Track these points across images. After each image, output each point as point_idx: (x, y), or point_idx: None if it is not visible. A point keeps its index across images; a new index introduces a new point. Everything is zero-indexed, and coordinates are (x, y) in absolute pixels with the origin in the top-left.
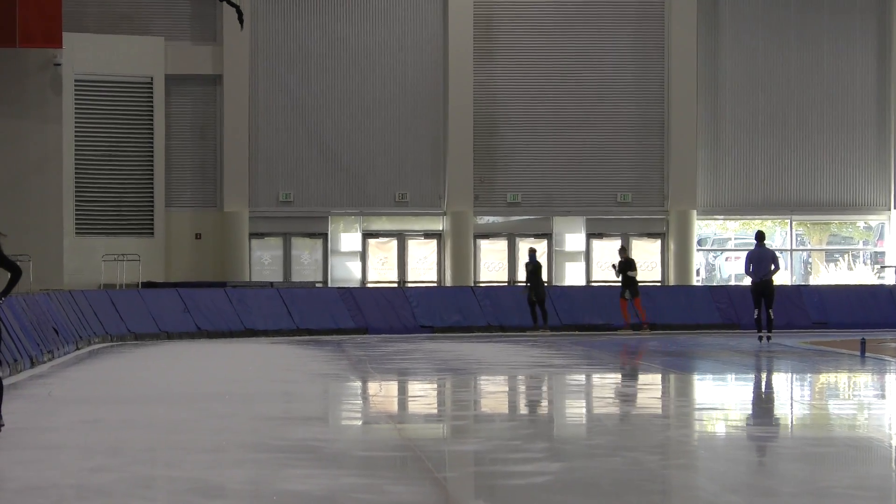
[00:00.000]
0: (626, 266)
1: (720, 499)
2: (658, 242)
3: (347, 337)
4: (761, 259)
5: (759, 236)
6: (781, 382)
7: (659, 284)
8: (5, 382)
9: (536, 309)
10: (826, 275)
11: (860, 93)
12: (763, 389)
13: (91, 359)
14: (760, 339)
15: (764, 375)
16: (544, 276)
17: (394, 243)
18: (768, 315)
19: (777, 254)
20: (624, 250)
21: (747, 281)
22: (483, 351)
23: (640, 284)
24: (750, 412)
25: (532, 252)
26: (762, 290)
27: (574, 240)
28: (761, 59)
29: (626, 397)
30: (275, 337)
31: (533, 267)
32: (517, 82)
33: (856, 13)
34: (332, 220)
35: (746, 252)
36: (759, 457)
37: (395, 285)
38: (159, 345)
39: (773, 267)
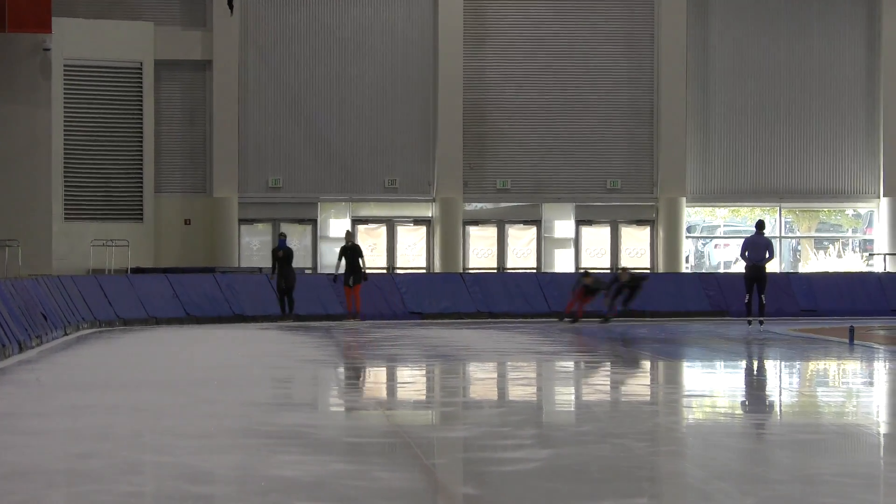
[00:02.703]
0: (354, 251)
1: (709, 485)
2: (647, 230)
3: (336, 323)
4: (756, 246)
5: (760, 225)
6: (770, 370)
7: (648, 271)
8: None
9: (285, 298)
10: (815, 262)
11: (849, 80)
12: (752, 377)
13: (79, 344)
14: (749, 323)
15: (752, 363)
16: (530, 263)
17: (383, 229)
18: (760, 301)
19: (772, 242)
20: (350, 235)
21: (736, 268)
22: (472, 337)
23: (628, 271)
24: (738, 399)
25: (283, 237)
26: (755, 276)
27: (563, 226)
28: (751, 46)
29: (615, 384)
30: (264, 323)
31: (284, 253)
32: (507, 69)
33: (845, 1)
34: (321, 207)
35: (743, 239)
36: (748, 444)
37: (385, 271)
38: (148, 330)
39: (766, 254)
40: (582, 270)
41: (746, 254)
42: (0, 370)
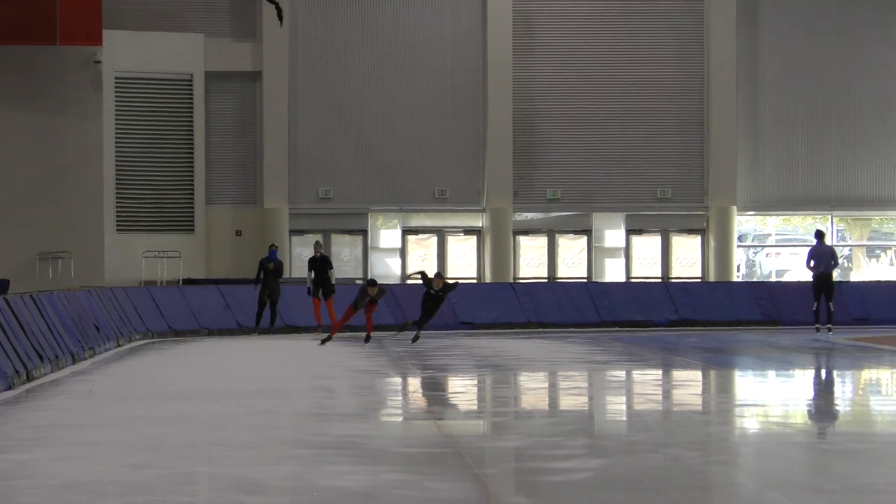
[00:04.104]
0: (323, 263)
1: (761, 495)
2: (698, 238)
3: (387, 333)
4: (822, 255)
5: (820, 234)
6: (822, 378)
7: (699, 280)
8: (47, 378)
9: (266, 310)
10: (867, 271)
11: None
12: (804, 386)
13: (132, 355)
14: (818, 329)
15: (805, 372)
16: (581, 272)
17: (433, 240)
18: (829, 308)
19: (836, 251)
20: (319, 245)
21: (788, 277)
22: (523, 347)
23: (676, 280)
24: (790, 408)
25: (273, 248)
26: (822, 284)
27: (613, 236)
28: (801, 53)
29: (667, 394)
30: (315, 333)
31: (275, 265)
32: (556, 78)
33: None
34: (371, 217)
35: (808, 249)
36: (800, 453)
37: None
38: (199, 341)
39: (832, 262)
40: (368, 280)
41: (812, 263)
42: (54, 381)
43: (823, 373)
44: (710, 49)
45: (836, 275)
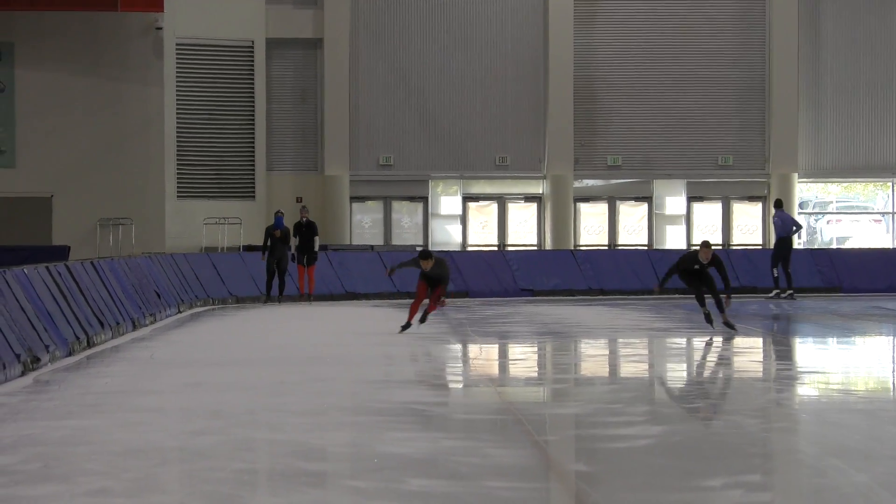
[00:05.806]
0: (309, 229)
1: (821, 462)
2: (759, 206)
3: (447, 300)
4: (784, 222)
5: (778, 203)
6: (883, 345)
7: (760, 247)
8: (108, 345)
9: (274, 280)
10: None
11: None
12: (864, 353)
13: (192, 322)
14: (777, 295)
15: (865, 339)
16: (641, 239)
17: (494, 206)
18: (786, 273)
19: (795, 217)
20: (306, 210)
21: (850, 244)
22: (583, 314)
23: (737, 247)
24: (851, 375)
25: (280, 215)
26: (785, 250)
27: (674, 203)
28: (863, 20)
29: (727, 361)
30: (375, 300)
31: (281, 232)
32: (617, 45)
33: None
34: (432, 184)
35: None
36: (861, 420)
37: (496, 248)
38: (260, 308)
39: (794, 227)
40: (421, 251)
41: (777, 225)
42: (114, 348)
43: (883, 339)
44: (771, 15)
45: (797, 240)
